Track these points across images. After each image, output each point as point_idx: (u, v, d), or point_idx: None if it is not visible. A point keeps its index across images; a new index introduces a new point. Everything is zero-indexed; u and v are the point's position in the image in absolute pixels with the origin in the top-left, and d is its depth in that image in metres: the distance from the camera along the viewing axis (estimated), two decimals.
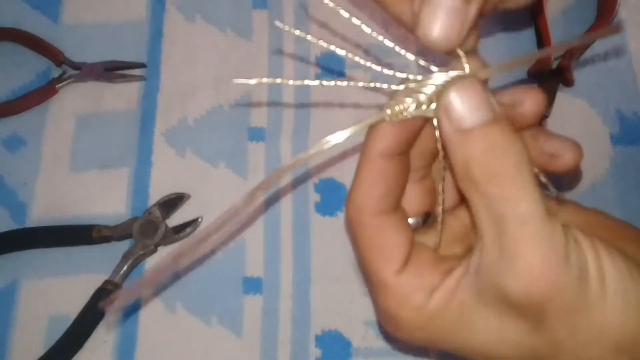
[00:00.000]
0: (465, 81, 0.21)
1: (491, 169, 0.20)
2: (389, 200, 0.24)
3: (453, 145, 0.21)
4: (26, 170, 0.43)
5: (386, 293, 0.23)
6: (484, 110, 0.21)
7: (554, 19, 0.45)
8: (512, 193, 0.20)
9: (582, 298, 0.20)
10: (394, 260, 0.23)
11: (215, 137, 0.43)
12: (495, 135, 0.20)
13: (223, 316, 0.38)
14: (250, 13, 0.47)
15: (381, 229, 0.24)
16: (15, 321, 0.39)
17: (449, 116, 0.21)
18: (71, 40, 0.46)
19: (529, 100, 0.24)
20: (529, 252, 0.20)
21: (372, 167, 0.23)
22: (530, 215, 0.20)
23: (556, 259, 0.20)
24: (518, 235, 0.20)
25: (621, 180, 0.41)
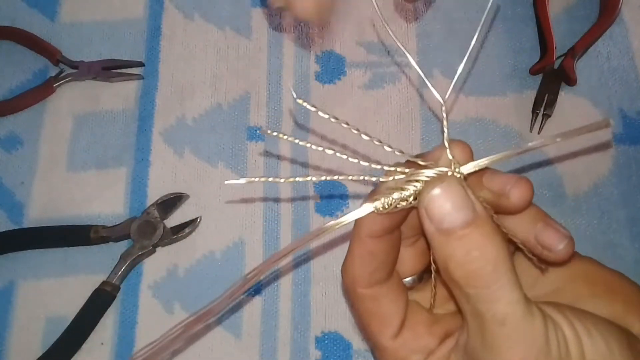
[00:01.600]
0: (445, 182, 0.21)
1: (469, 271, 0.21)
2: (380, 274, 0.25)
3: (434, 243, 0.22)
4: (23, 169, 0.42)
5: (384, 355, 0.25)
6: (463, 210, 0.21)
7: (556, 17, 0.45)
8: (490, 295, 0.21)
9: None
10: (389, 326, 0.25)
11: (214, 137, 0.43)
12: (473, 237, 0.21)
13: (222, 317, 0.38)
14: (249, 11, 0.46)
15: (375, 299, 0.25)
16: (13, 322, 0.38)
17: (429, 215, 0.21)
18: (68, 39, 0.46)
19: (517, 192, 0.24)
20: (508, 350, 0.21)
21: (362, 247, 0.24)
22: (508, 315, 0.20)
23: (536, 353, 0.20)
24: (497, 334, 0.21)
25: (624, 180, 0.40)
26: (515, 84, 0.43)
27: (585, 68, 0.43)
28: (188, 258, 0.40)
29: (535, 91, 0.42)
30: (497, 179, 0.24)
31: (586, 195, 0.40)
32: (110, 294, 0.38)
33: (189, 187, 0.41)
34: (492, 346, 0.21)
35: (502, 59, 0.44)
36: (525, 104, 0.43)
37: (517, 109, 0.43)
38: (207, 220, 0.40)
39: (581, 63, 0.43)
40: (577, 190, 0.40)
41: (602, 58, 0.44)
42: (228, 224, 0.40)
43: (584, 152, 0.41)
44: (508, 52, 0.44)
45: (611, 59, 0.44)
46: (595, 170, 0.41)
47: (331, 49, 0.45)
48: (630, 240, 0.39)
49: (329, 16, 0.24)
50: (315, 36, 0.45)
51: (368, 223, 0.24)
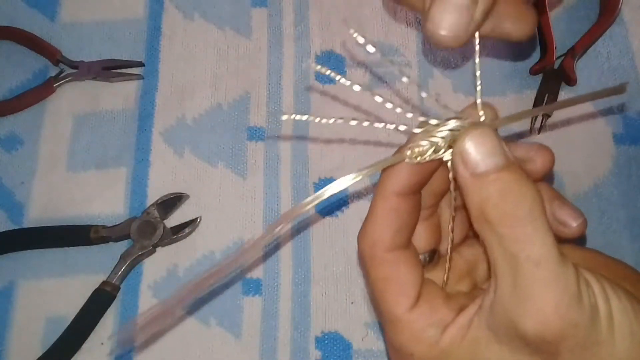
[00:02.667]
0: (479, 129, 0.22)
1: (505, 212, 0.21)
2: (402, 237, 0.25)
3: (468, 188, 0.22)
4: (23, 169, 0.42)
5: (399, 328, 0.24)
6: (497, 156, 0.22)
7: (556, 16, 0.45)
8: (526, 235, 0.21)
9: (593, 336, 0.21)
10: (407, 296, 0.24)
11: (214, 137, 0.43)
12: (508, 179, 0.21)
13: (222, 317, 0.38)
14: (249, 11, 0.46)
15: (395, 264, 0.24)
16: (13, 322, 0.38)
17: (465, 161, 0.22)
18: (68, 39, 0.46)
19: (541, 158, 0.25)
20: (542, 293, 0.20)
21: (387, 205, 0.24)
22: (544, 257, 0.20)
23: (569, 299, 0.20)
24: (532, 276, 0.21)
25: (624, 181, 0.40)
26: (515, 84, 0.43)
27: (585, 68, 0.43)
28: (188, 258, 0.40)
29: (535, 91, 0.42)
30: (521, 147, 0.25)
31: (586, 195, 0.40)
32: (110, 294, 0.38)
33: (189, 187, 0.41)
34: (525, 291, 0.21)
35: (501, 59, 0.44)
36: (525, 104, 0.42)
37: (517, 109, 0.43)
38: (207, 220, 0.40)
39: (581, 63, 0.43)
40: (577, 190, 0.40)
41: (602, 58, 0.44)
42: (228, 224, 0.40)
43: (584, 152, 0.41)
44: (508, 51, 0.44)
45: (611, 59, 0.44)
46: (595, 170, 0.41)
47: (331, 49, 0.45)
48: (630, 240, 0.39)
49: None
50: (315, 35, 0.45)
51: (396, 177, 0.24)
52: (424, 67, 0.44)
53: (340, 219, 0.40)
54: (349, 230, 0.40)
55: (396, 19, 0.46)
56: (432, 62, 0.44)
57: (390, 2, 0.42)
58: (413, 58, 0.45)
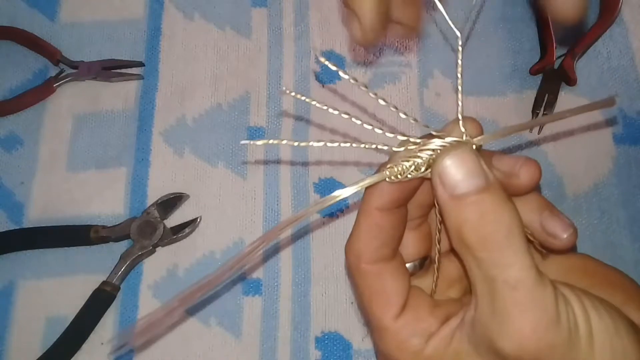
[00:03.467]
0: (458, 149, 0.22)
1: (483, 235, 0.21)
2: (386, 250, 0.25)
3: (446, 210, 0.22)
4: (23, 169, 0.42)
5: (385, 336, 0.24)
6: (476, 177, 0.21)
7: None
8: (503, 259, 0.21)
9: (571, 356, 0.21)
10: (392, 306, 0.24)
11: (214, 137, 0.43)
12: (487, 202, 0.21)
13: (222, 317, 0.38)
14: (249, 11, 0.46)
15: (379, 275, 0.25)
16: (13, 322, 0.38)
17: (443, 182, 0.22)
18: (68, 39, 0.46)
19: (525, 173, 0.25)
20: (519, 316, 0.20)
21: (369, 220, 0.24)
22: (521, 280, 0.21)
23: (547, 321, 0.20)
24: (509, 299, 0.21)
25: (624, 181, 0.40)
26: (515, 84, 0.43)
27: (585, 68, 0.43)
28: (188, 258, 0.40)
29: (535, 91, 0.42)
30: (506, 160, 0.25)
31: (586, 196, 0.40)
32: (110, 294, 0.38)
33: (189, 187, 0.41)
34: (503, 313, 0.21)
35: (502, 59, 0.44)
36: (525, 104, 0.42)
37: (517, 109, 0.43)
38: (207, 220, 0.40)
39: (581, 63, 0.43)
40: (577, 191, 0.40)
41: (602, 58, 0.44)
42: (228, 224, 0.40)
43: (584, 152, 0.41)
44: (508, 52, 0.44)
45: (611, 59, 0.44)
46: (596, 170, 0.41)
47: (331, 48, 0.45)
48: (631, 240, 0.39)
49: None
50: (314, 34, 0.45)
51: (378, 194, 0.24)
52: (424, 68, 0.44)
53: (340, 219, 0.40)
54: (348, 231, 0.39)
55: None
56: (431, 62, 0.44)
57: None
58: (413, 58, 0.45)
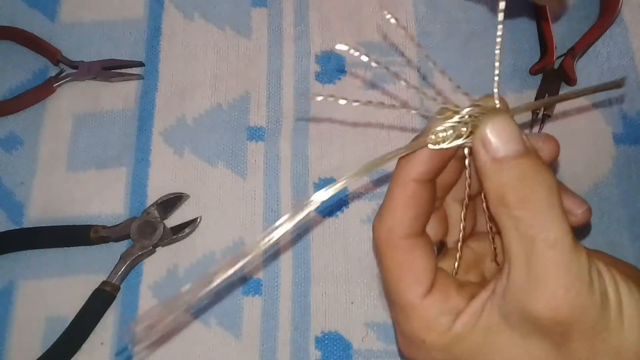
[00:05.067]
0: (500, 115, 0.23)
1: (524, 195, 0.22)
2: (419, 224, 0.25)
3: (488, 172, 0.22)
4: (23, 169, 0.42)
5: (412, 315, 0.24)
6: (517, 142, 0.22)
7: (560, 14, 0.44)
8: (542, 219, 0.21)
9: (602, 322, 0.21)
10: (421, 283, 0.24)
11: (214, 137, 0.43)
12: (527, 165, 0.22)
13: (222, 317, 0.38)
14: (249, 11, 0.46)
15: (411, 251, 0.25)
16: (13, 322, 0.38)
17: (486, 146, 0.22)
18: (68, 39, 0.46)
19: (547, 148, 0.26)
20: (556, 276, 0.21)
21: (406, 191, 0.25)
22: (559, 241, 0.21)
23: (581, 284, 0.21)
24: (547, 259, 0.21)
25: (624, 181, 0.40)
26: (515, 83, 0.43)
27: (585, 68, 0.43)
28: (188, 258, 0.40)
29: (535, 91, 0.42)
30: (530, 137, 0.26)
31: (586, 195, 0.40)
32: (110, 294, 0.38)
33: (189, 187, 0.41)
34: (538, 274, 0.21)
35: (502, 59, 0.44)
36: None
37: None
38: (207, 220, 0.40)
39: (581, 63, 0.43)
40: (577, 190, 0.39)
41: (602, 58, 0.44)
42: (228, 224, 0.40)
43: (584, 152, 0.41)
44: (508, 52, 0.44)
45: (611, 59, 0.44)
46: (595, 170, 0.41)
47: (331, 48, 0.45)
48: (631, 240, 0.39)
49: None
50: (314, 33, 0.45)
51: (416, 164, 0.24)
52: (424, 67, 0.44)
53: (340, 219, 0.40)
54: (349, 231, 0.40)
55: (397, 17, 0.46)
56: None
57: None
58: (413, 58, 0.45)
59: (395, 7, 0.46)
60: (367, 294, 0.38)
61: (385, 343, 0.37)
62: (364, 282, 0.38)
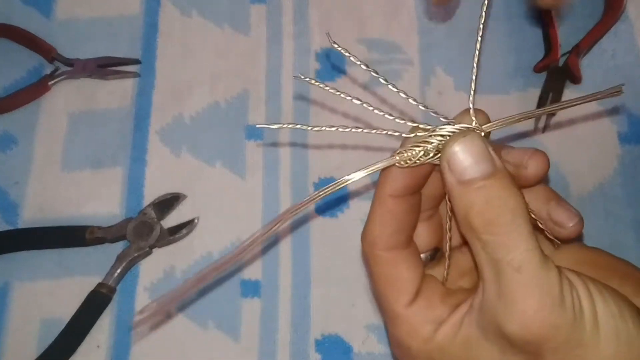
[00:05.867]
0: (467, 136, 0.23)
1: (488, 219, 0.22)
2: (400, 237, 0.25)
3: (454, 194, 0.23)
4: (18, 169, 0.42)
5: (397, 323, 0.25)
6: (483, 163, 0.22)
7: (560, 14, 0.44)
8: (507, 242, 0.21)
9: (576, 338, 0.21)
10: (405, 293, 0.25)
11: (212, 136, 0.42)
12: (493, 187, 0.22)
13: (220, 320, 0.37)
14: (248, 8, 0.46)
15: (393, 263, 0.25)
16: (7, 324, 0.38)
17: (451, 168, 0.22)
18: (64, 36, 0.45)
19: (534, 164, 0.26)
20: (524, 298, 0.21)
21: (383, 207, 0.25)
22: (525, 263, 0.21)
23: (551, 303, 0.21)
24: (513, 281, 0.21)
25: (630, 180, 0.40)
26: (519, 82, 0.43)
27: (590, 66, 0.43)
28: (185, 259, 0.39)
29: (540, 89, 0.42)
30: (515, 152, 0.26)
31: (591, 195, 0.40)
32: (106, 296, 0.38)
33: (186, 187, 0.41)
34: (507, 295, 0.21)
35: (505, 57, 0.43)
36: (529, 102, 0.42)
37: (521, 107, 0.42)
38: (205, 221, 0.40)
39: (586, 61, 0.43)
40: (581, 190, 0.40)
41: (607, 56, 0.43)
42: (226, 224, 0.40)
43: (588, 152, 0.41)
44: (512, 49, 0.44)
45: (616, 57, 0.43)
46: (600, 169, 0.40)
47: (331, 46, 0.44)
48: (636, 240, 0.38)
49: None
50: (314, 31, 0.45)
51: (390, 180, 0.25)
52: (426, 65, 0.43)
53: (340, 220, 0.40)
54: (349, 231, 0.39)
55: (397, 15, 0.45)
56: (433, 59, 0.44)
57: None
58: (415, 55, 0.44)
59: (397, 4, 0.45)
60: (368, 296, 0.38)
61: (386, 346, 0.36)
62: (364, 283, 0.38)
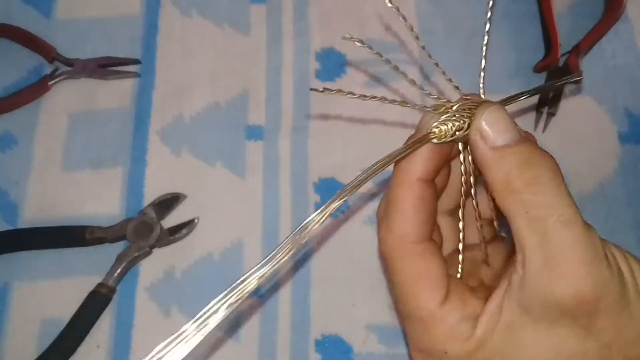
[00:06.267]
0: (493, 106, 0.23)
1: (530, 178, 0.22)
2: (429, 226, 0.24)
3: (490, 162, 0.22)
4: (18, 169, 0.42)
5: (431, 326, 0.23)
6: (513, 130, 0.23)
7: (560, 14, 0.44)
8: (552, 199, 0.21)
9: (623, 297, 0.21)
10: (438, 289, 0.23)
11: (212, 136, 0.42)
12: (528, 150, 0.22)
13: (220, 321, 0.37)
14: (248, 8, 0.46)
15: (425, 256, 0.24)
16: (7, 324, 0.38)
17: (484, 136, 0.23)
18: (64, 36, 0.45)
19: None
20: (574, 254, 0.21)
21: (413, 192, 0.24)
22: (572, 218, 0.21)
23: (600, 259, 0.21)
24: (563, 237, 0.21)
25: (630, 180, 0.40)
26: (519, 81, 0.43)
27: (590, 66, 0.43)
28: (185, 259, 0.39)
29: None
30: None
31: (591, 196, 0.39)
32: (106, 296, 0.37)
33: (186, 187, 0.41)
34: (555, 256, 0.21)
35: (505, 57, 0.43)
36: (529, 102, 0.42)
37: (521, 107, 0.42)
38: (205, 221, 0.40)
39: (586, 61, 0.43)
40: (582, 190, 0.40)
41: (607, 56, 0.43)
42: (226, 224, 0.40)
43: (588, 151, 0.41)
44: (511, 49, 0.44)
45: (616, 57, 0.43)
46: (601, 169, 0.40)
47: (331, 46, 0.44)
48: (637, 241, 0.38)
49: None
50: (314, 31, 0.45)
51: (419, 162, 0.24)
52: (425, 65, 0.43)
53: (341, 220, 0.40)
54: (349, 232, 0.39)
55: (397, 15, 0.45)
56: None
57: None
58: (415, 55, 0.44)
59: (396, 2, 0.45)
60: (368, 296, 0.38)
61: (386, 346, 0.36)
62: (365, 284, 0.38)
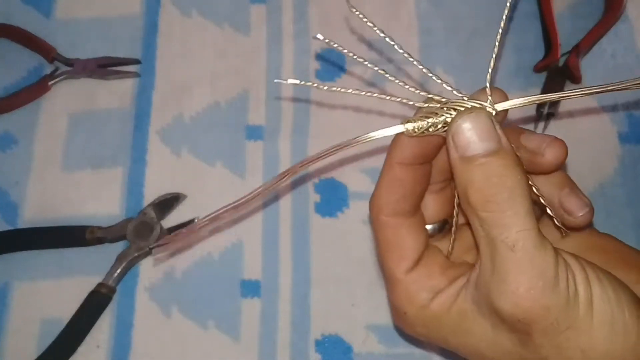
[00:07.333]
0: (474, 113, 0.23)
1: (486, 196, 0.22)
2: (405, 204, 0.26)
3: (456, 170, 0.23)
4: (18, 169, 0.42)
5: (396, 289, 0.26)
6: (487, 141, 0.22)
7: (560, 14, 0.44)
8: (503, 220, 0.22)
9: (567, 320, 0.21)
10: (405, 259, 0.26)
11: (212, 136, 0.42)
12: (493, 165, 0.22)
13: (220, 320, 0.37)
14: (248, 8, 0.46)
15: (397, 229, 0.26)
16: (7, 324, 0.38)
17: (455, 143, 0.23)
18: (64, 36, 0.45)
19: (550, 152, 0.26)
20: (516, 276, 0.21)
21: (390, 174, 0.26)
22: (519, 242, 0.21)
23: (543, 284, 0.21)
24: (507, 259, 0.22)
25: (630, 180, 0.40)
26: (519, 81, 0.43)
27: (590, 66, 0.43)
28: (185, 259, 0.39)
29: (540, 89, 0.42)
30: (534, 138, 0.26)
31: (591, 196, 0.39)
32: (106, 296, 0.38)
33: (186, 187, 0.41)
34: (501, 272, 0.22)
35: (505, 56, 0.43)
36: None
37: (521, 107, 0.42)
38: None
39: (586, 61, 0.43)
40: (582, 190, 0.40)
41: (607, 56, 0.43)
42: (226, 224, 0.40)
43: (589, 152, 0.41)
44: (511, 49, 0.44)
45: (616, 57, 0.43)
46: (601, 169, 0.40)
47: (331, 46, 0.44)
48: (637, 241, 0.38)
49: None
50: (315, 31, 0.45)
51: (399, 147, 0.25)
52: (426, 65, 0.43)
53: (340, 219, 0.40)
54: (349, 231, 0.39)
55: (397, 15, 0.45)
56: (433, 59, 0.44)
57: None
58: (415, 55, 0.44)
59: (397, 2, 0.45)
60: (368, 295, 0.38)
61: (386, 346, 0.36)
62: (365, 283, 0.38)
